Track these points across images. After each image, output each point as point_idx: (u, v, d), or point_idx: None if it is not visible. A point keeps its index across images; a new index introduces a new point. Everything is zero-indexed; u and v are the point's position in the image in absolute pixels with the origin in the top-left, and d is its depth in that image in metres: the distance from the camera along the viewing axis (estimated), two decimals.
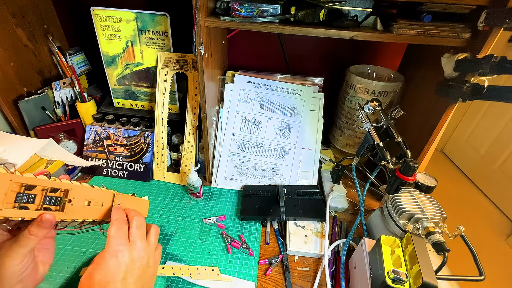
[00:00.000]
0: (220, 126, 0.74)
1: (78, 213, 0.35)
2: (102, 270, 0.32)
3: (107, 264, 0.32)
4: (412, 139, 0.61)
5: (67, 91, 0.76)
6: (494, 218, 1.55)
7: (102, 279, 0.31)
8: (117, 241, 0.34)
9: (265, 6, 0.50)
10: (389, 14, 0.55)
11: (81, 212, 0.35)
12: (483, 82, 0.47)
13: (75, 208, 0.34)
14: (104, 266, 0.32)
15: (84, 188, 0.37)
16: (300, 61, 0.85)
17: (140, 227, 0.37)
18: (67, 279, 0.49)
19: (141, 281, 0.34)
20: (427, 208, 0.52)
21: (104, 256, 0.33)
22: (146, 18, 0.65)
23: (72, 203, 0.34)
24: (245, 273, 0.52)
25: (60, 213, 0.33)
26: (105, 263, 0.32)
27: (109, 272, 0.32)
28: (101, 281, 0.31)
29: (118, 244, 0.34)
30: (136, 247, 0.35)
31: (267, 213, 0.63)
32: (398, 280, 0.37)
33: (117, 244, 0.34)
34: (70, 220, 0.34)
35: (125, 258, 0.33)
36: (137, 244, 0.35)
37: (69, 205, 0.34)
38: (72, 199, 0.34)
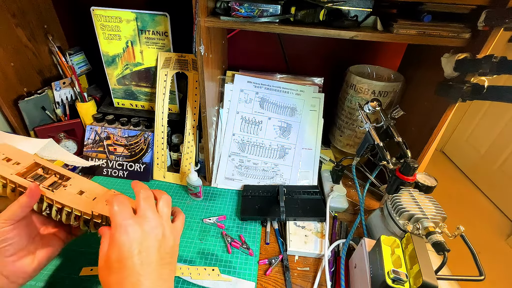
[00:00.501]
0: (220, 126, 0.74)
1: (66, 199, 0.36)
2: (115, 248, 0.31)
3: (119, 241, 0.31)
4: (412, 139, 0.61)
5: (67, 91, 0.76)
6: (494, 218, 1.55)
7: (119, 257, 0.30)
8: (121, 215, 0.32)
9: (265, 6, 0.50)
10: (389, 14, 0.55)
11: (70, 198, 0.36)
12: (483, 82, 0.47)
13: (65, 193, 0.37)
14: (116, 244, 0.31)
15: (84, 180, 0.39)
16: (300, 61, 0.85)
17: (147, 199, 0.35)
18: (66, 279, 0.49)
19: (160, 253, 0.33)
20: (427, 208, 0.52)
21: (113, 234, 0.31)
22: (146, 18, 0.65)
23: (66, 189, 0.37)
24: (245, 273, 0.52)
25: (50, 192, 0.36)
26: (116, 240, 0.31)
27: (124, 249, 0.31)
28: (118, 259, 0.30)
29: (124, 219, 0.32)
30: (147, 218, 0.33)
31: (267, 213, 0.63)
32: (398, 280, 0.37)
33: (123, 219, 0.32)
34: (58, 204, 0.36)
35: (136, 231, 0.32)
36: (147, 215, 0.33)
37: (62, 189, 0.37)
38: (68, 186, 0.38)
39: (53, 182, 0.38)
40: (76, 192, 0.38)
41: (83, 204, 0.37)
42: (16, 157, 0.39)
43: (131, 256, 0.31)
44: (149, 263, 0.31)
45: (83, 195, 0.38)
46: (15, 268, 0.35)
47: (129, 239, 0.31)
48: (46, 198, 0.36)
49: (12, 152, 0.39)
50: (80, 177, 0.41)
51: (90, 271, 0.51)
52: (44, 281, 0.49)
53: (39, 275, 0.49)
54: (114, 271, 0.30)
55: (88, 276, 0.50)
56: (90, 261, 0.52)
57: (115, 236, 0.31)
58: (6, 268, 0.34)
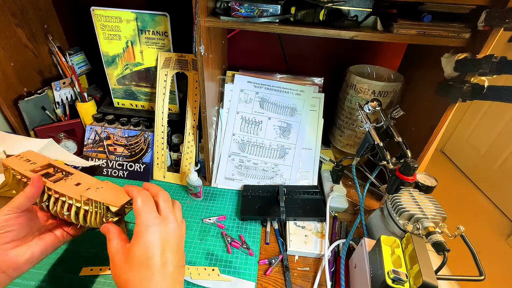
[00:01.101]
0: (220, 126, 0.74)
1: (63, 188, 0.40)
2: (142, 246, 0.32)
3: (147, 240, 0.32)
4: (412, 139, 0.61)
5: (67, 91, 0.76)
6: (494, 218, 1.55)
7: (143, 255, 0.32)
8: (149, 215, 0.34)
9: (265, 6, 0.50)
10: (389, 14, 0.55)
11: (66, 188, 0.40)
12: (483, 82, 0.47)
13: (64, 184, 0.41)
14: (142, 242, 0.32)
15: (84, 176, 0.43)
16: (300, 61, 0.85)
17: (167, 201, 0.37)
18: (65, 279, 0.49)
19: (178, 254, 0.35)
20: (427, 208, 0.52)
21: (140, 232, 0.33)
22: (146, 18, 0.65)
23: (66, 182, 0.42)
24: (245, 273, 0.52)
25: (51, 183, 0.40)
26: (143, 239, 0.32)
27: (150, 248, 0.32)
28: (142, 257, 0.32)
29: (151, 219, 0.33)
30: (169, 221, 0.35)
31: (267, 213, 0.63)
32: (398, 280, 0.37)
33: (150, 219, 0.33)
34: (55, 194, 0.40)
35: (161, 232, 0.33)
36: (169, 218, 0.35)
37: (62, 182, 0.42)
38: (68, 180, 0.42)
39: (58, 178, 0.43)
40: (73, 184, 0.41)
41: (75, 192, 0.39)
42: (35, 159, 0.45)
43: (155, 256, 0.32)
44: (168, 265, 0.33)
45: (78, 186, 0.41)
46: (7, 257, 0.36)
47: (156, 239, 0.32)
48: (47, 190, 0.40)
49: (34, 156, 0.46)
50: (82, 173, 0.44)
51: (90, 271, 0.51)
52: (43, 281, 0.49)
53: (38, 275, 0.49)
54: (135, 268, 0.31)
55: (87, 276, 0.50)
56: (89, 261, 0.52)
57: (144, 235, 0.32)
58: (1, 258, 0.35)
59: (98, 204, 0.38)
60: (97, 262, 0.52)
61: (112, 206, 0.37)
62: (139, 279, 0.31)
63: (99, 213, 0.38)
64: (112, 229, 0.36)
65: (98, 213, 0.38)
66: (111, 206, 0.37)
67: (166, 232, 0.34)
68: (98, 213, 0.38)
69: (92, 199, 0.38)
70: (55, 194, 0.40)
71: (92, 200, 0.38)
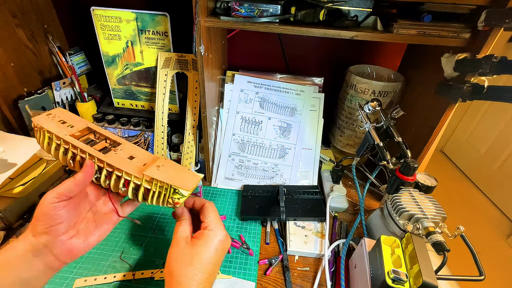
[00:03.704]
0: (220, 126, 0.74)
1: (116, 162, 0.36)
2: (212, 249, 0.35)
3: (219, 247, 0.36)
4: (412, 139, 0.61)
5: (67, 91, 0.77)
6: (494, 218, 1.55)
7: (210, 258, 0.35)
8: (222, 225, 0.38)
9: (265, 6, 0.50)
10: (389, 14, 0.55)
11: (120, 162, 0.37)
12: (483, 82, 0.47)
13: (116, 157, 0.37)
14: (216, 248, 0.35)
15: (134, 147, 0.40)
16: (300, 61, 0.85)
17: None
18: (66, 279, 0.49)
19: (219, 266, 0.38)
20: (427, 208, 0.52)
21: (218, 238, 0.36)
22: (146, 18, 0.65)
23: (116, 152, 0.38)
24: (245, 273, 0.52)
25: (101, 154, 0.36)
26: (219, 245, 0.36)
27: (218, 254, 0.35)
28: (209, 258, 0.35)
29: (224, 229, 0.37)
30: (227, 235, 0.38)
31: (267, 213, 0.63)
32: (398, 280, 0.37)
33: (223, 228, 0.37)
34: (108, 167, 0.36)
35: (227, 244, 0.37)
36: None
37: (113, 153, 0.38)
38: (118, 151, 0.38)
39: (104, 147, 0.39)
40: (126, 157, 0.38)
41: (133, 168, 0.36)
42: (70, 121, 0.40)
43: (215, 263, 0.35)
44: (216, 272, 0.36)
45: (133, 160, 0.38)
46: (65, 247, 0.34)
47: (224, 249, 0.36)
48: (97, 160, 0.36)
49: (67, 116, 0.41)
50: (130, 143, 0.41)
51: (84, 282, 0.49)
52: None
53: None
54: (196, 265, 0.33)
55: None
56: (82, 272, 0.50)
57: (221, 241, 0.36)
58: (57, 247, 0.33)
59: (164, 185, 0.36)
60: (88, 274, 0.50)
61: (183, 189, 0.36)
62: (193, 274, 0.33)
63: (163, 194, 0.36)
64: (187, 214, 0.38)
65: (162, 193, 0.36)
66: (182, 190, 0.36)
67: (226, 248, 0.37)
68: (162, 194, 0.36)
69: (157, 179, 0.35)
70: (107, 167, 0.36)
71: (158, 181, 0.35)
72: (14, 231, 0.56)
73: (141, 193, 0.37)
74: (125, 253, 0.54)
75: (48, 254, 0.33)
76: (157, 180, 0.35)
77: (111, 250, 0.55)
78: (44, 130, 0.38)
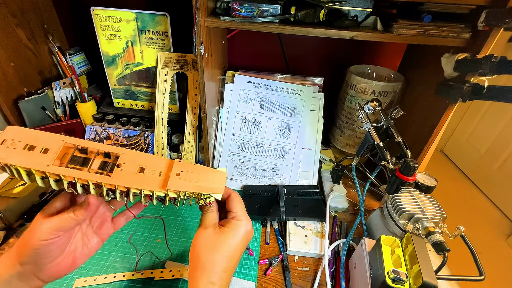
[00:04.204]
0: (220, 126, 0.74)
1: (127, 180, 0.31)
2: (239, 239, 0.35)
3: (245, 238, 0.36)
4: (412, 139, 0.61)
5: (67, 91, 0.77)
6: (494, 218, 1.55)
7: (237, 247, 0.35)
8: (249, 220, 0.37)
9: (265, 6, 0.50)
10: (389, 14, 0.55)
11: (133, 179, 0.32)
12: (483, 82, 0.47)
13: (124, 174, 0.32)
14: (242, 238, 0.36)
15: (137, 154, 0.34)
16: (300, 61, 0.85)
17: None
18: (66, 278, 0.49)
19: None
20: (427, 208, 0.52)
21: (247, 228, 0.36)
22: (146, 18, 0.65)
23: (122, 168, 0.32)
24: (245, 273, 0.52)
25: (107, 177, 0.31)
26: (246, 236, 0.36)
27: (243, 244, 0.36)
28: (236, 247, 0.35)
29: (250, 222, 0.37)
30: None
31: (267, 213, 0.63)
32: (398, 280, 0.37)
33: (250, 222, 0.37)
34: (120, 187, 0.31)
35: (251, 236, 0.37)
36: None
37: (118, 170, 0.32)
38: (122, 164, 0.32)
39: (102, 164, 0.33)
40: (135, 170, 0.33)
41: (152, 183, 0.32)
42: (39, 142, 0.31)
43: (240, 252, 0.36)
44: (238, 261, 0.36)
45: (145, 172, 0.33)
46: (52, 271, 0.33)
47: (248, 239, 0.37)
48: (105, 184, 0.31)
49: (29, 136, 0.31)
50: (128, 151, 0.34)
51: (84, 282, 0.48)
52: None
53: None
54: (224, 253, 0.34)
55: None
56: (82, 272, 0.50)
57: (248, 231, 0.36)
58: (43, 273, 0.33)
59: (191, 195, 0.34)
60: (87, 274, 0.50)
61: (215, 194, 0.35)
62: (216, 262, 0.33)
63: (192, 199, 0.35)
64: (214, 202, 0.37)
65: (191, 198, 0.35)
66: (215, 194, 0.35)
67: (250, 239, 0.37)
68: (191, 199, 0.35)
69: (185, 191, 0.33)
70: (121, 188, 0.32)
71: (185, 192, 0.33)
72: (14, 231, 0.56)
73: (167, 200, 0.35)
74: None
75: (34, 279, 0.33)
76: (184, 192, 0.33)
77: (111, 250, 0.55)
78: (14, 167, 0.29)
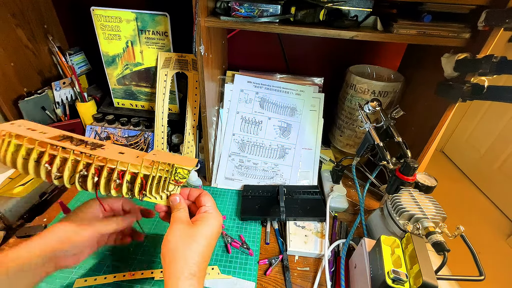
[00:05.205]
0: (220, 126, 0.74)
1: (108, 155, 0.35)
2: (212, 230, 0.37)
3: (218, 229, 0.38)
4: (412, 139, 0.61)
5: (67, 91, 0.77)
6: (494, 218, 1.55)
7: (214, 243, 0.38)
8: (220, 215, 0.40)
9: (265, 6, 0.50)
10: (389, 14, 0.55)
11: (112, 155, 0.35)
12: (483, 82, 0.46)
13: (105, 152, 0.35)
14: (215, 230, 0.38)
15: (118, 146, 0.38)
16: (300, 61, 0.85)
17: None
18: (66, 279, 0.49)
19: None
20: (427, 208, 0.52)
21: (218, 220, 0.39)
22: (146, 18, 0.65)
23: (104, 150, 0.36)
24: (245, 273, 0.52)
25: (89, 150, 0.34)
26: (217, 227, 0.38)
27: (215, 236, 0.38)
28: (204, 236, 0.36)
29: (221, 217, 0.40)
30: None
31: (267, 213, 0.63)
32: (398, 280, 0.37)
33: (221, 217, 0.40)
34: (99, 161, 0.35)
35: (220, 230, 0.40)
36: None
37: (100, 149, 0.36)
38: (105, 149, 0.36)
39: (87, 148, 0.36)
40: (116, 152, 0.36)
41: (128, 159, 0.35)
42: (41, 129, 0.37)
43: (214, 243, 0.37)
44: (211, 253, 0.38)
45: (124, 154, 0.36)
46: (65, 263, 0.37)
47: (219, 233, 0.39)
48: (84, 156, 0.34)
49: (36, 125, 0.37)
50: (112, 144, 0.39)
51: (84, 282, 0.48)
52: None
53: None
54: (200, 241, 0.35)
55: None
56: (82, 272, 0.50)
57: (220, 223, 0.39)
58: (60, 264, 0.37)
59: (165, 167, 0.36)
60: (89, 274, 0.50)
61: (186, 166, 0.36)
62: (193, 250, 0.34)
63: (163, 178, 0.36)
64: (183, 203, 0.40)
65: (162, 178, 0.36)
66: (186, 167, 0.36)
67: (219, 233, 0.39)
68: (163, 178, 0.36)
69: (158, 162, 0.35)
70: (98, 162, 0.34)
71: (159, 163, 0.35)
72: (14, 231, 0.56)
73: (137, 185, 0.36)
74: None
75: (52, 267, 0.36)
76: (158, 162, 0.35)
77: (111, 250, 0.55)
78: (12, 135, 0.33)
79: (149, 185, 0.36)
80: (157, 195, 0.38)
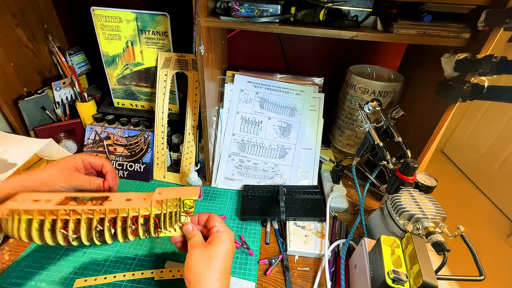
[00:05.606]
0: (220, 126, 0.74)
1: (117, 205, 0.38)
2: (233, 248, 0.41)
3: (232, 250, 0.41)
4: (412, 139, 0.61)
5: (67, 91, 0.76)
6: (494, 218, 1.55)
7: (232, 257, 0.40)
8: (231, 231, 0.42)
9: (265, 6, 0.50)
10: (389, 14, 0.55)
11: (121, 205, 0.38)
12: (483, 82, 0.47)
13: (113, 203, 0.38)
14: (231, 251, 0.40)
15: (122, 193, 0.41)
16: (300, 61, 0.85)
17: None
18: (66, 279, 0.49)
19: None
20: (427, 208, 0.52)
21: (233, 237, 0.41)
22: (146, 18, 0.65)
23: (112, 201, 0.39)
24: (245, 273, 0.52)
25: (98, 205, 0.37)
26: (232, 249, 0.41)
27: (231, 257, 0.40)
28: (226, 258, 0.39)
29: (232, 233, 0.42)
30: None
31: (267, 213, 0.63)
32: (398, 280, 0.37)
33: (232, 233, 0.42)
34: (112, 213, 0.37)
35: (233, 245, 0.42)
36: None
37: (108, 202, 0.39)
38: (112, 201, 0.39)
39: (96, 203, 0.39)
40: (123, 200, 0.39)
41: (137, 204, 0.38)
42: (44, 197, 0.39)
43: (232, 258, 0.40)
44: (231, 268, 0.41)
45: (132, 201, 0.39)
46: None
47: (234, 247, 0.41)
48: (96, 213, 0.37)
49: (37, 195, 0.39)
50: (116, 193, 0.42)
51: (84, 282, 0.48)
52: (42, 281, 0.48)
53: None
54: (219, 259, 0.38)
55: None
56: (82, 272, 0.50)
57: (233, 239, 0.41)
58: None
59: (174, 201, 0.39)
60: (86, 274, 0.50)
61: (192, 197, 0.39)
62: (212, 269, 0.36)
63: (173, 212, 0.40)
64: (196, 230, 0.42)
65: (173, 212, 0.39)
66: (192, 197, 0.39)
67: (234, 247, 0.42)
68: (173, 213, 0.40)
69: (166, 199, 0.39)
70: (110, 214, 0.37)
71: (167, 200, 0.39)
72: None
73: (152, 225, 0.39)
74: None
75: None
76: (166, 200, 0.38)
77: (111, 250, 0.55)
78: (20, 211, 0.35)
79: (163, 222, 0.39)
80: (171, 228, 0.41)
